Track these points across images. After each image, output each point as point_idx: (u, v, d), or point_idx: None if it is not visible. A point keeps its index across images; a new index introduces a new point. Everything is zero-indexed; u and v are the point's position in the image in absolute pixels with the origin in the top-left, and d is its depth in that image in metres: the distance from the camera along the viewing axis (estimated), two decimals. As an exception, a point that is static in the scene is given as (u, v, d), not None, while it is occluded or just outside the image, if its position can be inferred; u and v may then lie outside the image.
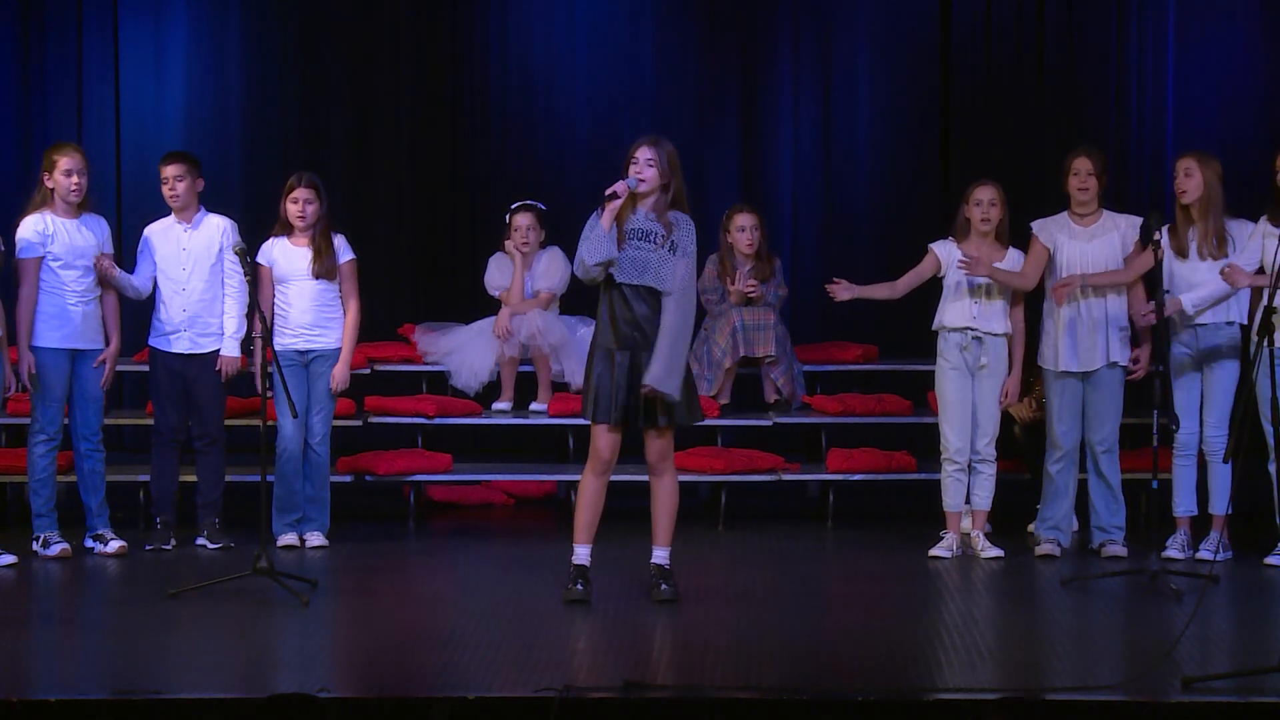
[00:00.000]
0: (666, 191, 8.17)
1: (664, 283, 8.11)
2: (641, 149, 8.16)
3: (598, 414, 8.14)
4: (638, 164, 8.13)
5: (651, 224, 8.15)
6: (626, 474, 9.23)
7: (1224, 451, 8.91)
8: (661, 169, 8.13)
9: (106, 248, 9.40)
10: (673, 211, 8.19)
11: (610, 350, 8.14)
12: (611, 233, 8.06)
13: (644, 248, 8.11)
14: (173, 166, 9.54)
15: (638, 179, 8.11)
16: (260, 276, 9.48)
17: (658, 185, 8.15)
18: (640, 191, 8.14)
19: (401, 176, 12.23)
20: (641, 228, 8.13)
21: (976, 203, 9.40)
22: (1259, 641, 7.54)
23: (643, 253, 8.11)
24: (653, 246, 8.12)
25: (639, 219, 8.14)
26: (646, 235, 8.13)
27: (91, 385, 9.33)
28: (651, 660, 7.34)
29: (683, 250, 8.17)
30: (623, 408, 8.12)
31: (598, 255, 8.04)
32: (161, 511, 9.58)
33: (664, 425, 8.16)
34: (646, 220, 8.15)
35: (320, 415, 9.65)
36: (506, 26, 12.27)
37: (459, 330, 10.83)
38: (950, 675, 6.99)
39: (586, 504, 8.25)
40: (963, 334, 9.36)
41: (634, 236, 8.11)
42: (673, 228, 8.16)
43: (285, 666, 7.29)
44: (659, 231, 8.14)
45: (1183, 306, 9.09)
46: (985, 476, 9.41)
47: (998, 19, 12.22)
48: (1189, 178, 9.22)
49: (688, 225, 8.22)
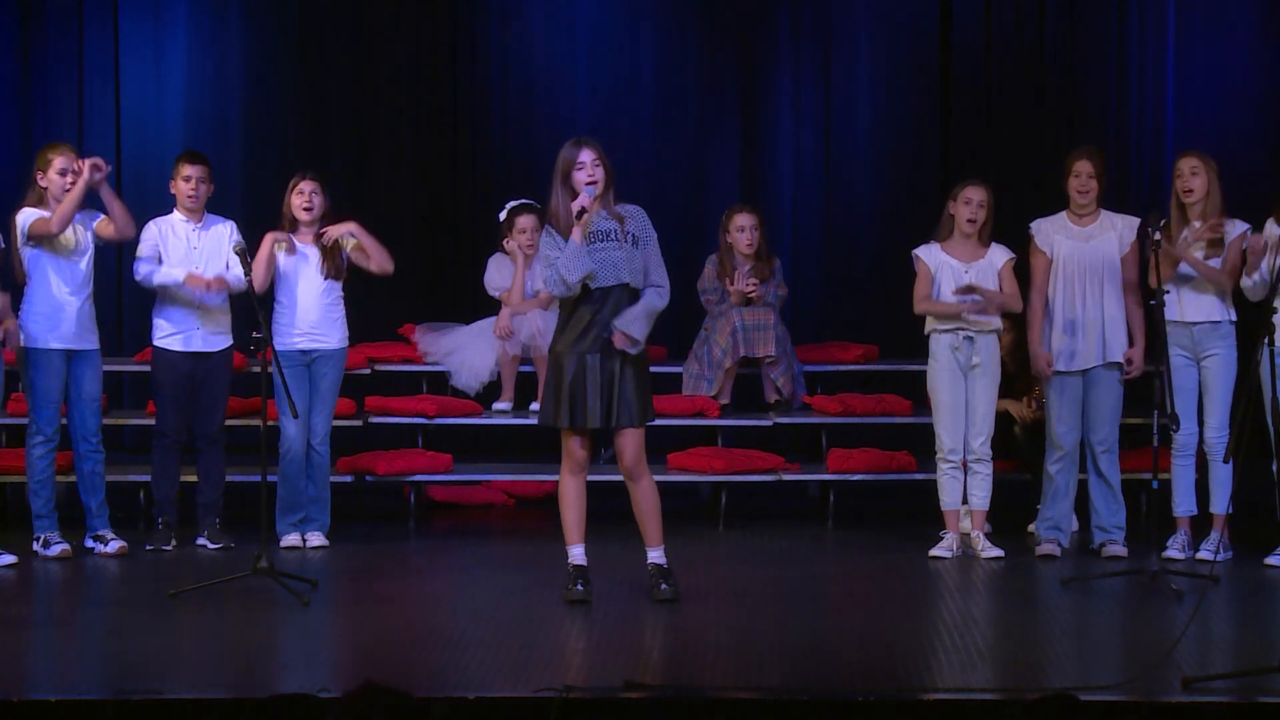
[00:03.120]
0: (610, 187, 8.17)
1: (637, 278, 8.12)
2: (583, 152, 8.10)
3: (573, 420, 8.11)
4: (584, 167, 8.09)
5: (607, 222, 8.14)
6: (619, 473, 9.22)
7: (1224, 452, 8.91)
8: (606, 165, 8.13)
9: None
10: (619, 204, 8.19)
11: (581, 354, 8.12)
12: (584, 247, 8.04)
13: (608, 248, 8.10)
14: (198, 167, 9.51)
15: (590, 184, 8.09)
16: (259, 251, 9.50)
17: (607, 183, 8.15)
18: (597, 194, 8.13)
19: (401, 176, 12.24)
20: (599, 229, 8.12)
21: (966, 201, 9.39)
22: (1259, 641, 7.54)
23: (608, 253, 8.10)
24: (616, 244, 8.11)
25: (595, 220, 8.13)
26: (606, 235, 8.12)
27: (88, 386, 9.32)
28: (651, 660, 7.34)
29: (644, 239, 8.17)
30: (595, 413, 8.09)
31: (579, 271, 8.02)
32: (162, 512, 9.57)
33: (638, 425, 8.14)
34: (602, 220, 8.14)
35: (322, 415, 9.65)
36: (507, 26, 12.28)
37: (459, 330, 10.84)
38: (950, 675, 6.99)
39: (570, 503, 8.25)
40: (954, 334, 9.37)
41: (596, 239, 8.09)
42: (625, 219, 8.16)
43: (285, 666, 7.29)
44: (615, 227, 8.14)
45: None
46: (982, 476, 9.41)
47: (998, 19, 12.23)
48: (1195, 177, 9.21)
49: (639, 212, 8.22)
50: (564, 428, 8.15)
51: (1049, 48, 12.24)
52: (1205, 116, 12.08)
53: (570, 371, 8.11)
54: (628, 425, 8.13)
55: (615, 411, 8.10)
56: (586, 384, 8.09)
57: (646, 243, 8.19)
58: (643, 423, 8.18)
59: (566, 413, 8.11)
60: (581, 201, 8.05)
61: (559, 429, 8.19)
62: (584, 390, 8.10)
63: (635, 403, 8.13)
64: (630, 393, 8.11)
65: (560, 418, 8.13)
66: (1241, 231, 9.18)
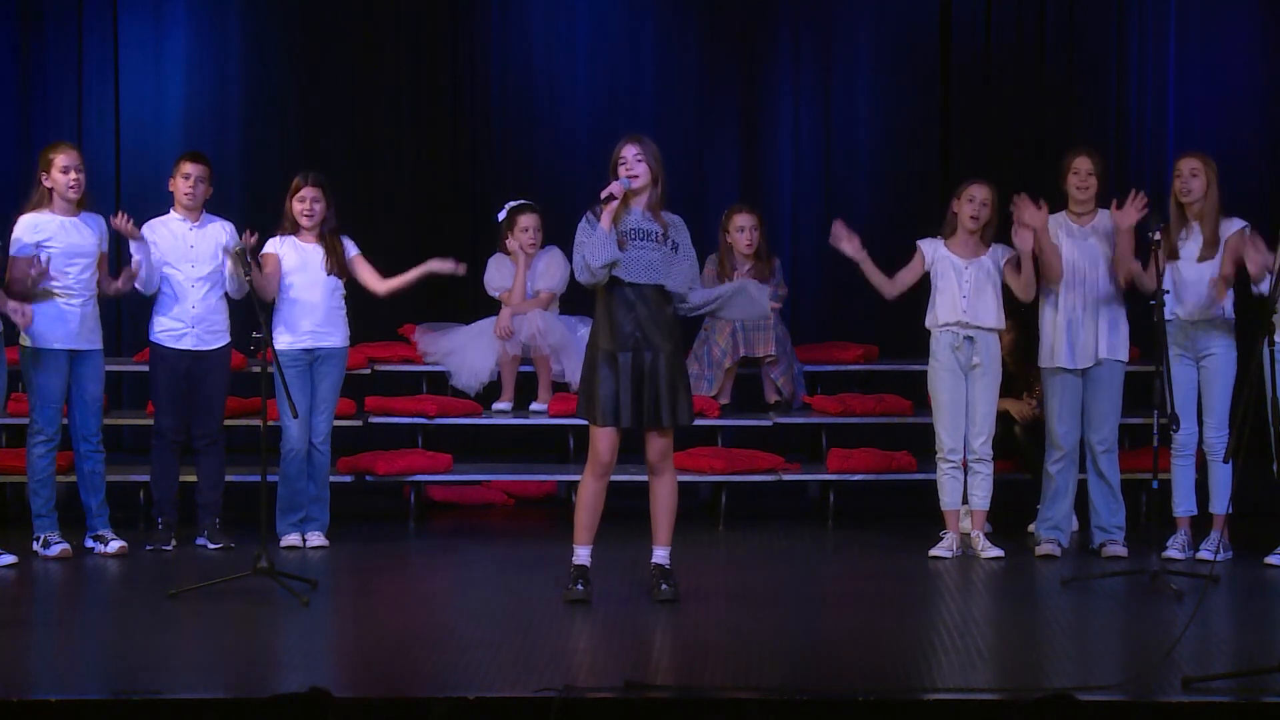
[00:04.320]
0: (657, 186, 8.17)
1: (674, 283, 8.12)
2: (628, 147, 8.15)
3: (603, 417, 8.11)
4: (626, 162, 8.13)
5: (649, 223, 8.14)
6: (626, 474, 9.24)
7: (1224, 452, 8.91)
8: (650, 164, 8.14)
9: (104, 246, 9.39)
10: (665, 212, 8.19)
11: (612, 352, 8.13)
12: (612, 234, 8.05)
13: (646, 246, 8.10)
14: (199, 166, 9.51)
15: (630, 177, 8.11)
16: (266, 264, 9.49)
17: (649, 181, 8.15)
18: (634, 189, 8.13)
19: (401, 176, 12.24)
20: (640, 227, 8.12)
21: (969, 199, 9.40)
22: (1259, 641, 7.54)
23: (646, 252, 8.10)
24: (655, 245, 8.11)
25: (635, 218, 8.13)
26: (646, 234, 8.12)
27: (90, 386, 9.32)
28: (651, 660, 7.34)
29: (684, 250, 8.19)
30: (626, 410, 8.11)
31: (603, 257, 8.02)
32: (162, 512, 9.57)
33: (668, 425, 8.15)
34: (643, 219, 8.15)
35: (324, 415, 9.65)
36: (507, 27, 12.28)
37: (459, 330, 10.84)
38: (950, 675, 6.99)
39: (586, 505, 8.24)
40: (954, 334, 9.37)
41: (634, 236, 8.09)
42: (670, 227, 8.17)
43: (285, 666, 7.29)
44: (657, 230, 8.14)
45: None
46: (983, 476, 9.41)
47: (998, 19, 12.23)
48: (1195, 178, 9.20)
49: (683, 225, 8.24)
50: (597, 425, 8.14)
51: (1049, 48, 12.24)
52: (1205, 116, 12.08)
53: (603, 369, 8.10)
54: (660, 425, 8.12)
55: (648, 410, 8.09)
56: (620, 383, 8.09)
57: (687, 253, 8.19)
58: (675, 424, 8.15)
59: (597, 409, 8.09)
60: (611, 189, 8.07)
61: (589, 426, 8.18)
62: (616, 389, 8.08)
63: (669, 402, 8.11)
64: (661, 393, 8.10)
65: (597, 415, 8.11)
66: (1239, 229, 9.17)
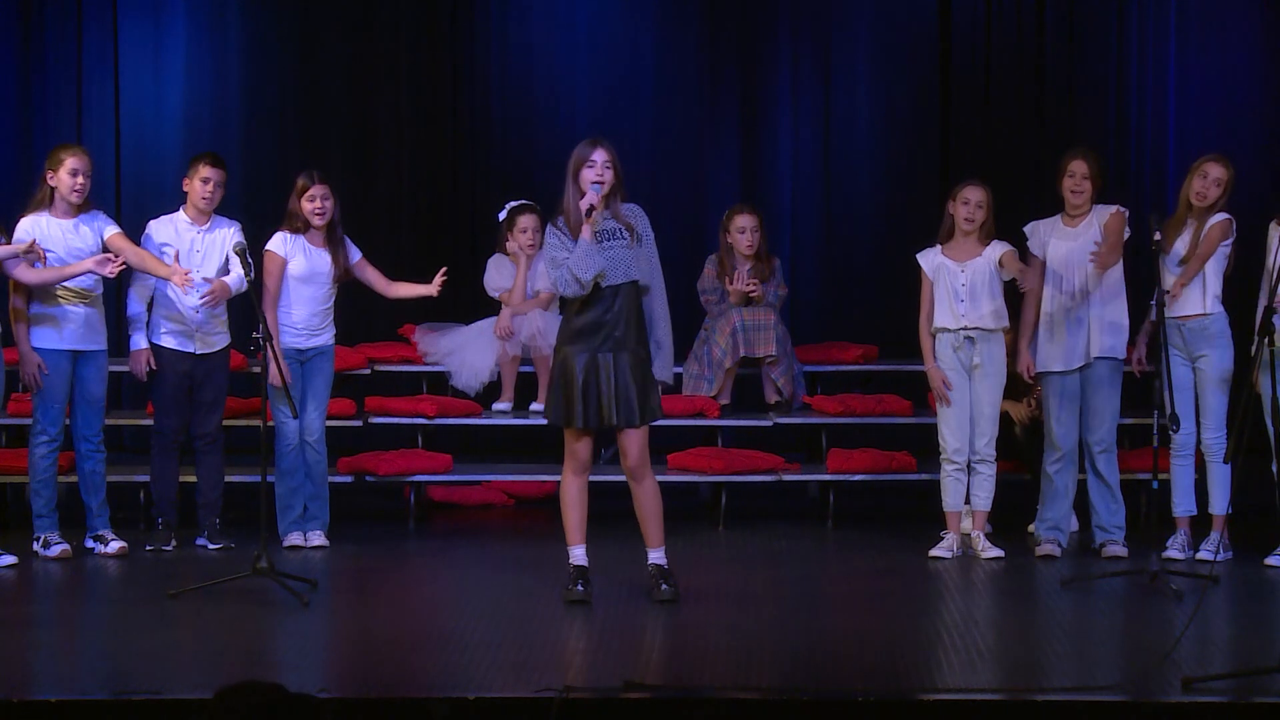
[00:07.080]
0: (618, 192, 8.21)
1: (644, 275, 8.17)
2: (596, 152, 8.13)
3: (585, 419, 8.10)
4: (595, 166, 8.12)
5: (613, 222, 8.18)
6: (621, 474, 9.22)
7: (1224, 452, 8.91)
8: (617, 168, 8.16)
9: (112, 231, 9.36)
10: (623, 204, 8.22)
11: (593, 352, 8.13)
12: (594, 244, 8.07)
13: (617, 246, 8.14)
14: (219, 171, 9.44)
15: (600, 183, 8.12)
16: (269, 267, 9.48)
17: (615, 187, 8.17)
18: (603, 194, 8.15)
19: (401, 177, 12.24)
20: (606, 228, 8.16)
21: (964, 201, 9.40)
22: (1259, 642, 7.54)
23: (618, 251, 8.14)
24: (625, 243, 8.15)
25: (601, 221, 8.16)
26: (614, 234, 8.16)
27: (93, 387, 9.32)
28: (651, 660, 7.34)
29: (646, 238, 8.24)
30: (600, 410, 8.10)
31: (592, 269, 8.05)
32: (162, 512, 9.57)
33: (640, 424, 8.15)
34: (608, 220, 8.17)
35: (317, 412, 9.65)
36: (507, 27, 12.28)
37: (459, 330, 10.84)
38: (950, 675, 6.99)
39: (573, 503, 8.26)
40: (955, 334, 9.37)
41: (604, 238, 8.13)
42: (631, 218, 8.20)
43: (285, 666, 7.28)
44: (621, 227, 8.17)
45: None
46: (985, 477, 9.41)
47: (998, 19, 12.23)
48: (1218, 187, 9.16)
49: (640, 212, 8.28)
50: (577, 428, 8.15)
51: (1049, 48, 12.24)
52: (1205, 116, 12.09)
53: (582, 371, 8.11)
54: (632, 424, 8.14)
55: (620, 410, 8.11)
56: (600, 383, 8.10)
57: (648, 240, 8.23)
58: (646, 422, 8.18)
59: (579, 413, 8.10)
60: (589, 199, 8.08)
61: (563, 428, 8.19)
62: (597, 390, 8.10)
63: (639, 401, 8.13)
64: (634, 391, 8.12)
65: (574, 418, 8.12)
66: (1220, 220, 9.13)
